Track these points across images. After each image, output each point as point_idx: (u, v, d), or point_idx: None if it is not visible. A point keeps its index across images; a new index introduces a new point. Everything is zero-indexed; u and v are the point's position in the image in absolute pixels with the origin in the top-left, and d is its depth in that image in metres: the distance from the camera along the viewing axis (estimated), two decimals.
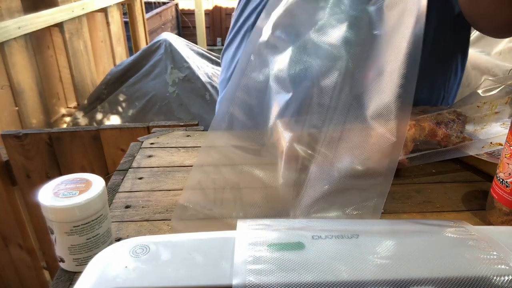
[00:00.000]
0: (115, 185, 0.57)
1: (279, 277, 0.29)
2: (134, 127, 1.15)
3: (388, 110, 0.42)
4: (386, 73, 0.43)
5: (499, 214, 0.47)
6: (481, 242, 0.34)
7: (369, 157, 0.44)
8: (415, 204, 0.53)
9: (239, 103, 0.50)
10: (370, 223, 0.38)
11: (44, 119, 1.86)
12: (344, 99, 0.46)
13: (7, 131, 1.14)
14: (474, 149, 0.57)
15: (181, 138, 0.72)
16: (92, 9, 2.26)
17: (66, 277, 0.41)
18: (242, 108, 0.50)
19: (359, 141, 0.45)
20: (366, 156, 0.44)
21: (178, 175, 0.60)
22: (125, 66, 2.20)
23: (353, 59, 0.47)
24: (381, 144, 0.43)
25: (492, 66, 1.08)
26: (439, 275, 0.30)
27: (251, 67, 0.50)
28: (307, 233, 0.34)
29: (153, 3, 5.38)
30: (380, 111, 0.43)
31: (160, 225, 0.48)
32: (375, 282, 0.29)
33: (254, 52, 0.50)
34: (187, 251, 0.33)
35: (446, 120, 0.58)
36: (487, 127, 0.61)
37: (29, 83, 1.73)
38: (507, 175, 0.45)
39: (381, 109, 0.43)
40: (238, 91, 0.50)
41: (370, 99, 0.44)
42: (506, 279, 0.30)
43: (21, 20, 1.65)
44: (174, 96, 2.12)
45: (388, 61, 0.43)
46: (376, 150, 0.43)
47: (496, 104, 0.60)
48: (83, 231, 0.39)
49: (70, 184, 0.41)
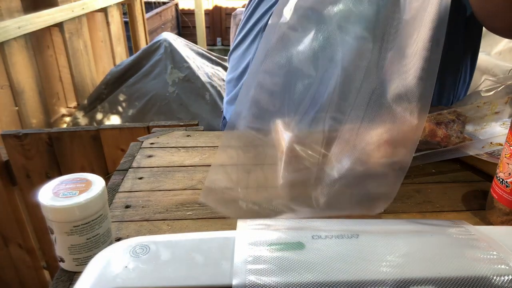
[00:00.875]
0: (115, 185, 0.57)
1: (279, 277, 0.29)
2: (134, 127, 1.15)
3: (410, 93, 0.42)
4: (409, 56, 0.43)
5: (499, 214, 0.47)
6: (481, 242, 0.34)
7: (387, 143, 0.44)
8: (415, 204, 0.53)
9: (260, 89, 0.49)
10: (370, 223, 0.38)
11: (44, 119, 1.86)
12: (369, 83, 0.45)
13: (7, 131, 1.14)
14: (474, 149, 0.57)
15: (181, 138, 0.72)
16: (92, 9, 2.26)
17: (66, 277, 0.41)
18: (264, 93, 0.49)
19: (380, 126, 0.44)
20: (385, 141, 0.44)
21: (178, 175, 0.60)
22: (125, 66, 2.20)
23: (380, 43, 0.46)
24: (402, 127, 0.43)
25: (492, 66, 1.08)
26: (439, 275, 0.30)
27: (272, 50, 0.48)
28: (307, 233, 0.34)
29: (153, 3, 5.38)
30: (402, 93, 0.42)
31: (160, 225, 0.48)
32: (375, 282, 0.29)
33: (275, 35, 0.48)
34: (187, 251, 0.33)
35: (446, 120, 0.58)
36: (487, 127, 0.61)
37: (29, 83, 1.73)
38: (507, 175, 0.45)
39: (403, 91, 0.42)
40: (259, 75, 0.48)
41: (393, 82, 0.44)
42: (506, 279, 0.30)
43: (21, 20, 1.64)
44: (174, 96, 2.12)
45: (412, 44, 0.43)
46: (396, 134, 0.43)
47: (496, 104, 0.60)
48: (83, 231, 0.39)
49: (70, 184, 0.41)
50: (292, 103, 0.49)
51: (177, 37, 2.35)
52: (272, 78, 0.49)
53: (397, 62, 0.44)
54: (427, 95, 0.42)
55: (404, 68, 0.43)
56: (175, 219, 0.50)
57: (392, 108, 0.43)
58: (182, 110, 2.10)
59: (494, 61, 1.10)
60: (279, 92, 0.49)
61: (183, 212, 0.51)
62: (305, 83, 0.48)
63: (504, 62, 1.07)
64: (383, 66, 0.45)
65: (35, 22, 1.73)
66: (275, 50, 0.48)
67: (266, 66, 0.48)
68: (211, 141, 0.71)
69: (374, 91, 0.45)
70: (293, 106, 0.49)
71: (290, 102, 0.49)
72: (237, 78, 0.85)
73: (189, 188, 0.56)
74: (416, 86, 0.42)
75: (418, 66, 0.42)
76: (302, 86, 0.48)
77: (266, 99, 0.49)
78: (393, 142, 0.44)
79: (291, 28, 0.48)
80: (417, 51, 0.42)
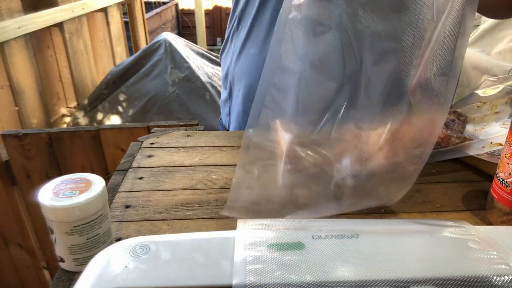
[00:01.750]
0: (115, 185, 0.57)
1: (279, 277, 0.29)
2: (134, 127, 1.15)
3: (431, 87, 0.41)
4: (430, 52, 0.42)
5: (499, 214, 0.47)
6: (481, 242, 0.34)
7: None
8: (415, 204, 0.53)
9: (272, 98, 0.45)
10: (370, 223, 0.38)
11: (44, 119, 1.86)
12: (392, 88, 0.44)
13: (7, 131, 1.14)
14: (474, 149, 0.57)
15: (181, 138, 0.72)
16: (92, 9, 2.26)
17: (66, 277, 0.41)
18: (277, 103, 0.45)
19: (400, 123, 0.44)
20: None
21: (178, 175, 0.60)
22: (125, 66, 2.20)
23: (407, 47, 0.43)
24: (427, 112, 0.42)
25: (492, 66, 1.08)
26: (439, 275, 0.30)
27: (283, 52, 0.44)
28: (307, 233, 0.34)
29: (153, 3, 5.38)
30: (424, 88, 0.42)
31: (160, 225, 0.48)
32: (375, 282, 0.29)
33: (285, 36, 0.44)
34: (187, 251, 0.33)
35: (447, 120, 0.58)
36: (487, 127, 0.61)
37: (29, 83, 1.73)
38: (507, 175, 0.45)
39: (425, 85, 0.42)
40: (271, 87, 0.44)
41: (414, 77, 0.43)
42: (506, 279, 0.30)
43: (21, 20, 1.65)
44: (174, 96, 2.12)
45: (434, 38, 0.41)
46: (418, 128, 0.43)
47: (496, 104, 0.60)
48: (83, 231, 0.39)
49: (70, 184, 0.41)
50: (311, 107, 0.46)
51: (177, 37, 2.35)
52: (287, 80, 0.45)
53: (421, 57, 0.43)
54: (450, 89, 0.41)
55: (427, 63, 0.42)
56: (175, 219, 0.50)
57: (412, 104, 0.43)
58: (182, 110, 2.10)
59: (494, 61, 1.10)
60: (293, 102, 0.46)
61: (183, 212, 0.51)
62: (325, 89, 0.45)
63: (504, 62, 1.07)
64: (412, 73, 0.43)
65: (35, 22, 1.73)
66: (287, 53, 0.44)
67: (278, 70, 0.45)
68: (211, 141, 0.71)
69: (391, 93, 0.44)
70: (311, 111, 0.46)
71: (310, 106, 0.46)
72: (224, 79, 0.86)
73: (189, 188, 0.56)
74: (438, 80, 0.41)
75: (441, 60, 0.41)
76: (323, 94, 0.46)
77: (281, 104, 0.46)
78: (414, 137, 0.44)
79: (302, 25, 0.44)
80: (439, 43, 0.41)
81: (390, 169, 0.45)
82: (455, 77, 0.41)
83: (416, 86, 0.43)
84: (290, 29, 0.44)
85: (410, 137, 0.44)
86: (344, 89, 0.45)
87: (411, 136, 0.44)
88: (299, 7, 0.43)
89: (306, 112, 0.47)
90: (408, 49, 0.44)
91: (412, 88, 0.43)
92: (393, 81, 0.44)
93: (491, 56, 1.14)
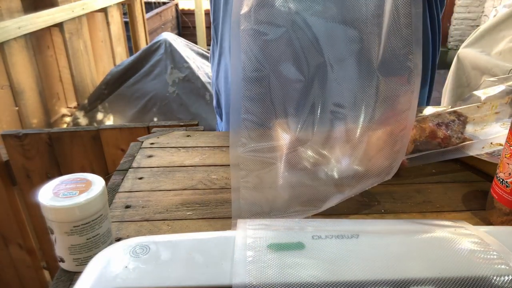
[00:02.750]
0: (115, 185, 0.57)
1: (279, 277, 0.29)
2: (134, 127, 1.15)
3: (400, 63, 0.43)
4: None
5: (499, 214, 0.47)
6: (481, 242, 0.34)
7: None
8: (415, 204, 0.53)
9: (247, 100, 0.44)
10: (370, 223, 0.38)
11: (44, 119, 1.86)
12: (364, 77, 0.45)
13: (7, 131, 1.14)
14: (474, 149, 0.57)
15: (181, 138, 0.72)
16: (92, 9, 2.26)
17: (66, 277, 0.41)
18: (252, 103, 0.44)
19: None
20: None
21: (178, 175, 0.60)
22: (125, 66, 2.20)
23: (366, 27, 0.44)
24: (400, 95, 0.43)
25: (492, 66, 1.08)
26: (439, 275, 0.30)
27: (244, 63, 0.43)
28: (307, 233, 0.34)
29: (153, 3, 5.38)
30: (393, 66, 0.43)
31: (160, 225, 0.48)
32: (375, 282, 0.29)
33: (242, 47, 0.43)
34: (187, 251, 0.33)
35: (447, 121, 0.58)
36: (487, 127, 0.61)
37: (29, 83, 1.73)
38: (507, 175, 0.45)
39: (394, 63, 0.43)
40: (243, 100, 0.43)
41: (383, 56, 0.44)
42: (506, 279, 0.30)
43: (21, 20, 1.64)
44: (174, 96, 2.12)
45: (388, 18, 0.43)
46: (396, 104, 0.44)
47: (496, 104, 0.60)
48: (83, 231, 0.39)
49: (70, 184, 0.41)
50: (289, 108, 0.46)
51: (177, 37, 2.35)
52: (256, 88, 0.44)
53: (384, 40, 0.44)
54: (417, 63, 0.43)
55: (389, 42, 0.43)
56: (175, 219, 0.50)
57: (385, 82, 0.44)
58: (182, 110, 2.10)
59: (494, 61, 1.10)
60: (267, 103, 0.45)
61: (183, 212, 0.51)
62: (295, 87, 0.45)
63: (504, 62, 1.07)
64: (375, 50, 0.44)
65: (35, 22, 1.73)
66: (248, 62, 0.43)
67: (244, 81, 0.43)
68: (211, 141, 0.71)
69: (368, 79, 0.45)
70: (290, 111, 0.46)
71: (288, 107, 0.46)
72: (212, 87, 0.87)
73: (189, 188, 0.56)
74: (402, 52, 0.43)
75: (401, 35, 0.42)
76: (292, 90, 0.46)
77: (256, 109, 0.45)
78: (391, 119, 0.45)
79: (258, 30, 0.43)
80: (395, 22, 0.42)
81: (378, 148, 0.47)
82: (419, 48, 0.43)
83: (382, 62, 0.44)
84: (245, 39, 0.43)
85: (390, 112, 0.45)
86: (315, 82, 0.45)
87: (391, 111, 0.45)
88: (248, 15, 0.43)
89: (285, 113, 0.46)
90: (368, 29, 0.44)
91: (378, 65, 0.44)
92: (358, 61, 0.45)
93: (491, 56, 1.13)
